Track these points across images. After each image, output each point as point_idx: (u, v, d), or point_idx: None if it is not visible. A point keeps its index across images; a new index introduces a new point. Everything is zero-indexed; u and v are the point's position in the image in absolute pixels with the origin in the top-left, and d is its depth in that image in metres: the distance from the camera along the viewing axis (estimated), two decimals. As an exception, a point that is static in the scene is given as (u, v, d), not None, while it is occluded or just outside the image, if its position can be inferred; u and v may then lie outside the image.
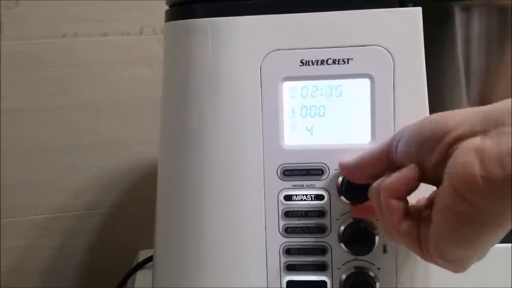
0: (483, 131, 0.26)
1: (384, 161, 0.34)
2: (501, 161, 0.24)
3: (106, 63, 0.74)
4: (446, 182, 0.27)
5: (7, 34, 0.70)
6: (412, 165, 0.31)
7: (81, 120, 0.74)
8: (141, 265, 0.68)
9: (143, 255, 0.70)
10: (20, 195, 0.74)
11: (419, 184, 0.32)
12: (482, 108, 0.28)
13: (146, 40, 0.74)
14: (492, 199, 0.25)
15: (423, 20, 0.38)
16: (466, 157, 0.26)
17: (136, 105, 0.75)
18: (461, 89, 0.43)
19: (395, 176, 0.32)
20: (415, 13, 0.38)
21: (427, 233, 0.30)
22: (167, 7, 0.45)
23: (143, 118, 0.75)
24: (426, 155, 0.30)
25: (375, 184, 0.33)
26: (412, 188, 0.32)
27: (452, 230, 0.28)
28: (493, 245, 0.30)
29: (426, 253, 0.31)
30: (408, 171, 0.31)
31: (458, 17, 0.42)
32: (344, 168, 0.38)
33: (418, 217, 0.32)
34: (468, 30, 0.42)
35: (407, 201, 0.32)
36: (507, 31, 0.42)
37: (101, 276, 0.78)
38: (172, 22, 0.43)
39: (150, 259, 0.67)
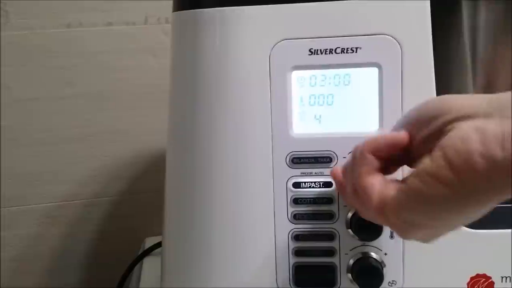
0: (485, 114, 0.26)
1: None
2: (503, 141, 0.24)
3: (111, 52, 0.74)
4: (437, 152, 0.27)
5: (12, 24, 0.71)
6: (403, 131, 0.31)
7: (87, 110, 0.75)
8: (148, 252, 0.69)
9: (149, 242, 0.71)
10: (27, 183, 0.75)
11: (399, 153, 0.32)
12: (487, 95, 0.28)
13: (151, 30, 0.74)
14: (483, 179, 0.25)
15: (430, 9, 0.39)
16: (466, 133, 0.26)
17: (142, 94, 0.75)
18: (468, 78, 0.44)
19: (381, 135, 0.32)
20: (423, 3, 0.39)
21: (391, 190, 0.30)
22: (174, -3, 0.45)
23: (149, 107, 0.75)
24: (421, 127, 0.30)
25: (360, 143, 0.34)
26: (394, 152, 0.32)
27: (424, 195, 0.27)
28: (450, 229, 0.30)
29: (379, 209, 0.30)
30: (397, 134, 0.31)
31: (465, 6, 0.42)
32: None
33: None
34: (475, 19, 0.42)
35: (381, 163, 0.32)
36: (513, 19, 0.42)
37: (108, 263, 0.79)
38: (180, 12, 0.44)
39: (156, 246, 0.68)
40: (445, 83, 0.41)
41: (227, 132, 0.42)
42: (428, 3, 0.39)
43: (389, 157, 0.32)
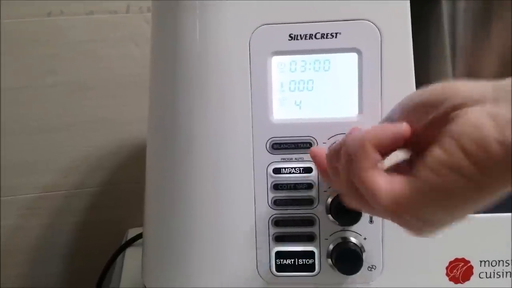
0: (493, 99, 0.25)
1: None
2: None
3: (92, 41, 0.73)
4: (449, 140, 0.26)
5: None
6: (404, 122, 0.30)
7: (69, 99, 0.74)
8: (130, 243, 0.68)
9: (131, 233, 0.71)
10: (8, 174, 0.74)
11: (401, 145, 0.30)
12: (490, 82, 0.27)
13: (133, 19, 0.73)
14: (501, 166, 0.24)
15: (410, -5, 0.39)
16: (478, 119, 0.25)
17: (124, 83, 0.75)
18: (447, 64, 0.44)
19: (382, 126, 0.30)
20: (403, -12, 0.39)
21: (399, 186, 0.28)
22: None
23: (131, 97, 0.75)
24: (422, 114, 0.28)
25: (356, 132, 0.31)
26: (396, 145, 0.30)
27: (442, 188, 0.26)
28: (460, 219, 0.29)
29: (389, 209, 0.28)
30: (399, 127, 0.30)
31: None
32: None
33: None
34: (454, 5, 0.43)
35: (382, 158, 0.30)
36: (492, 7, 0.43)
37: (90, 254, 0.79)
38: (160, -1, 0.43)
39: (138, 237, 0.68)
40: (424, 69, 0.41)
41: (207, 118, 0.42)
42: (408, -11, 0.39)
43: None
